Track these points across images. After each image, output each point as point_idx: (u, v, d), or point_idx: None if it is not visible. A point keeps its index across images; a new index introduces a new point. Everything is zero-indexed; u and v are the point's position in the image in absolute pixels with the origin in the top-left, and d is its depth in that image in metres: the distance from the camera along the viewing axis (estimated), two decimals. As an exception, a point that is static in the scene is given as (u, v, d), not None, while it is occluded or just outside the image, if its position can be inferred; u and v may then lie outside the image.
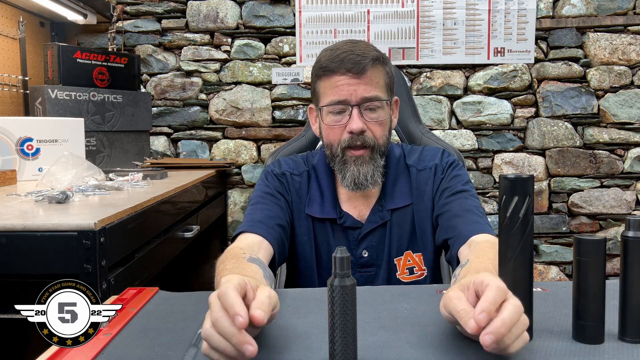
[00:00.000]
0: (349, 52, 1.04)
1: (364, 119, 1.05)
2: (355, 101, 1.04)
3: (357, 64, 1.03)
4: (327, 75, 1.06)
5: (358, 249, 1.12)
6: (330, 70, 1.05)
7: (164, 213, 1.53)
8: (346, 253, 0.56)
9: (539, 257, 2.54)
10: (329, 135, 1.09)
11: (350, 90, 1.04)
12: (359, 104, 1.05)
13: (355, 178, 1.07)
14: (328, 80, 1.06)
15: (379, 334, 0.65)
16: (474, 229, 0.98)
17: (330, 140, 1.09)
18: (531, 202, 0.61)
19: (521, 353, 0.60)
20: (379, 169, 1.09)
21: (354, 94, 1.04)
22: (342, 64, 1.04)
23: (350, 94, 1.04)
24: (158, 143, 2.56)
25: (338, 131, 1.07)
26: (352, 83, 1.04)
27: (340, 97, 1.05)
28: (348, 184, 1.08)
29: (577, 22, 2.44)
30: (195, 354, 0.61)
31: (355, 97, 1.04)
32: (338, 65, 1.04)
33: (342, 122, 1.06)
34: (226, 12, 2.50)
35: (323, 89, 1.08)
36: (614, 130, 2.47)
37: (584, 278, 0.61)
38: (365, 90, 1.04)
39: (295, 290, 0.88)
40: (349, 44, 1.07)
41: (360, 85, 1.04)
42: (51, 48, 2.05)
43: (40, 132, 1.74)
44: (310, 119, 1.20)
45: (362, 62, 1.04)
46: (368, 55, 1.05)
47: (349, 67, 1.03)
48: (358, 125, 1.04)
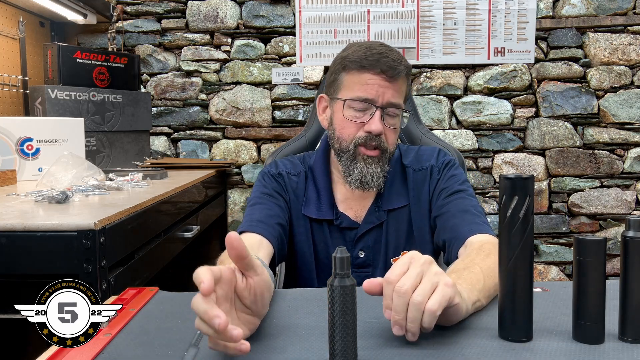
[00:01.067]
0: (385, 54, 1.04)
1: (383, 122, 1.05)
2: (381, 103, 1.04)
3: (392, 68, 1.03)
4: (358, 70, 1.05)
5: (355, 250, 1.12)
6: (363, 67, 1.04)
7: (164, 213, 1.53)
8: (346, 253, 0.56)
9: (539, 257, 2.54)
10: (344, 129, 1.08)
11: (379, 91, 1.04)
12: (383, 107, 1.05)
13: (363, 176, 1.07)
14: (358, 75, 1.05)
15: (379, 334, 0.65)
16: (472, 230, 0.98)
17: (344, 134, 1.08)
18: (531, 202, 0.61)
19: (521, 353, 0.60)
20: (385, 173, 1.10)
21: (383, 96, 1.04)
22: (378, 63, 1.03)
23: (379, 95, 1.04)
24: (158, 143, 2.56)
25: (355, 127, 1.07)
26: (383, 85, 1.04)
27: (368, 96, 1.04)
28: (354, 180, 1.08)
29: (577, 22, 2.44)
30: (195, 354, 0.61)
31: (382, 99, 1.04)
32: (373, 63, 1.03)
33: (361, 120, 1.06)
34: (226, 12, 2.50)
35: (349, 83, 1.07)
36: (614, 130, 2.47)
37: (584, 278, 0.61)
38: (392, 96, 1.05)
39: (295, 290, 0.88)
40: (383, 47, 1.07)
41: (389, 89, 1.04)
42: (51, 48, 2.05)
43: (40, 132, 1.74)
44: (318, 109, 1.18)
45: (398, 68, 1.04)
46: (403, 63, 1.05)
47: (384, 68, 1.03)
48: (378, 127, 1.04)
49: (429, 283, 0.60)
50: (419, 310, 0.59)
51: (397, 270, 0.61)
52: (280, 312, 0.75)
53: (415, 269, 0.61)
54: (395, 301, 0.59)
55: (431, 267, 0.62)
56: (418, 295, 0.59)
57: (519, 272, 0.62)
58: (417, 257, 0.63)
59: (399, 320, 0.59)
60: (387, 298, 0.61)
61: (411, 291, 0.59)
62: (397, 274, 0.60)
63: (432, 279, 0.61)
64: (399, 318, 0.59)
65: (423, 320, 0.59)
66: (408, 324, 0.59)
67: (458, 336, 0.65)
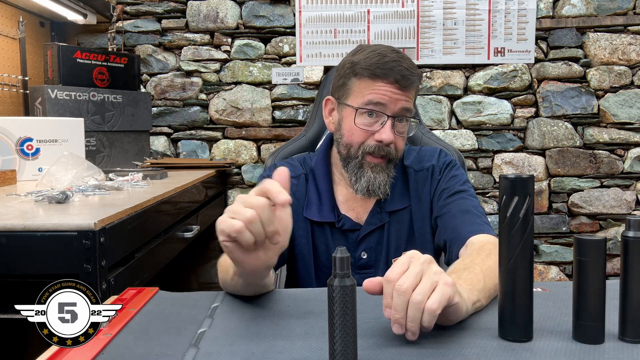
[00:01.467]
0: (398, 62, 1.03)
1: (393, 131, 1.05)
2: (392, 111, 1.04)
3: (405, 78, 1.03)
4: (370, 78, 1.04)
5: (357, 251, 1.12)
6: (376, 75, 1.03)
7: (164, 213, 1.53)
8: (346, 253, 0.56)
9: (539, 257, 2.54)
10: (353, 136, 1.07)
11: (392, 99, 1.03)
12: (394, 116, 1.05)
13: (370, 184, 1.07)
14: (371, 82, 1.04)
15: (379, 334, 0.65)
16: (473, 230, 0.98)
17: (353, 141, 1.08)
18: (531, 202, 0.61)
19: (521, 353, 0.60)
20: (391, 180, 1.10)
21: (394, 103, 1.04)
22: (391, 72, 1.02)
23: (391, 103, 1.04)
24: (158, 143, 2.56)
25: (364, 135, 1.06)
26: (395, 93, 1.03)
27: (379, 101, 1.04)
28: (361, 189, 1.07)
29: (577, 22, 2.44)
30: (195, 354, 0.61)
31: (394, 107, 1.04)
32: (386, 72, 1.03)
33: (372, 128, 1.05)
34: (226, 12, 2.50)
35: (360, 89, 1.06)
36: (614, 130, 2.47)
37: (584, 278, 0.61)
38: (404, 104, 1.05)
39: (295, 290, 0.88)
40: (395, 54, 1.05)
41: (401, 97, 1.04)
42: (51, 48, 2.05)
43: (40, 132, 1.74)
44: (324, 111, 1.17)
45: (411, 78, 1.04)
46: (415, 72, 1.05)
47: (397, 77, 1.02)
48: (389, 136, 1.04)
49: (429, 282, 0.60)
50: (419, 310, 0.59)
51: (397, 269, 0.61)
52: (280, 312, 0.75)
53: (415, 267, 0.61)
54: (395, 300, 0.59)
55: (431, 266, 0.62)
56: (418, 294, 0.59)
57: (519, 272, 0.62)
58: (417, 256, 0.63)
59: (399, 319, 0.59)
60: (387, 297, 0.61)
61: (411, 290, 0.59)
62: (397, 272, 0.61)
63: (431, 278, 0.61)
64: (398, 317, 0.59)
65: (423, 319, 0.59)
66: (408, 323, 0.59)
67: (458, 336, 0.65)
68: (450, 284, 0.61)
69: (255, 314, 0.75)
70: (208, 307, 0.78)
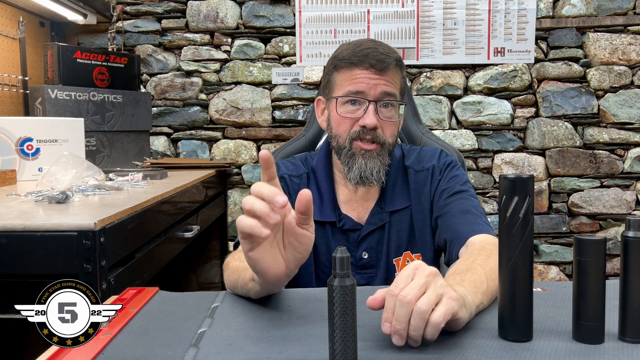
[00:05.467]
0: (373, 48, 1.05)
1: (378, 116, 1.05)
2: (374, 96, 1.05)
3: (380, 61, 1.04)
4: (347, 68, 1.06)
5: (358, 251, 1.12)
6: (352, 63, 1.05)
7: (164, 213, 1.53)
8: (346, 253, 0.56)
9: (539, 257, 2.54)
10: (339, 127, 1.08)
11: (370, 84, 1.04)
12: (376, 100, 1.05)
13: (362, 171, 1.06)
14: (348, 72, 1.06)
15: (379, 334, 0.65)
16: (473, 230, 0.98)
17: (340, 131, 1.09)
18: (531, 202, 0.61)
19: (521, 353, 0.60)
20: (385, 167, 1.09)
21: (374, 88, 1.04)
22: (366, 58, 1.04)
23: (370, 89, 1.04)
24: (158, 143, 2.56)
25: (349, 123, 1.07)
26: (373, 78, 1.04)
27: (358, 89, 1.04)
28: (354, 177, 1.07)
29: (577, 22, 2.44)
30: (195, 354, 0.61)
31: (374, 92, 1.04)
32: (361, 59, 1.04)
33: (355, 115, 1.06)
34: (226, 12, 2.50)
35: (340, 81, 1.08)
36: (614, 130, 2.47)
37: (584, 278, 0.61)
38: (384, 88, 1.05)
39: (295, 290, 0.88)
40: (371, 42, 1.07)
41: (380, 81, 1.04)
42: (51, 48, 2.05)
43: (40, 132, 1.74)
44: (317, 112, 1.19)
45: (386, 61, 1.04)
46: (392, 56, 1.06)
47: (372, 62, 1.04)
48: (372, 120, 1.04)
49: (434, 294, 0.59)
50: (423, 320, 0.58)
51: (401, 284, 0.60)
52: (281, 312, 0.75)
53: (420, 279, 0.60)
54: (398, 310, 0.58)
55: (436, 278, 0.61)
56: (423, 304, 0.57)
57: (519, 272, 0.62)
58: (422, 268, 0.62)
59: (400, 330, 0.58)
60: (387, 310, 0.59)
61: (415, 301, 0.58)
62: (400, 288, 0.59)
63: (437, 290, 0.60)
64: (400, 328, 0.58)
65: (426, 331, 0.58)
66: (410, 332, 0.58)
67: (458, 336, 0.65)
68: (456, 298, 0.60)
69: (255, 314, 0.75)
70: (208, 307, 0.78)
